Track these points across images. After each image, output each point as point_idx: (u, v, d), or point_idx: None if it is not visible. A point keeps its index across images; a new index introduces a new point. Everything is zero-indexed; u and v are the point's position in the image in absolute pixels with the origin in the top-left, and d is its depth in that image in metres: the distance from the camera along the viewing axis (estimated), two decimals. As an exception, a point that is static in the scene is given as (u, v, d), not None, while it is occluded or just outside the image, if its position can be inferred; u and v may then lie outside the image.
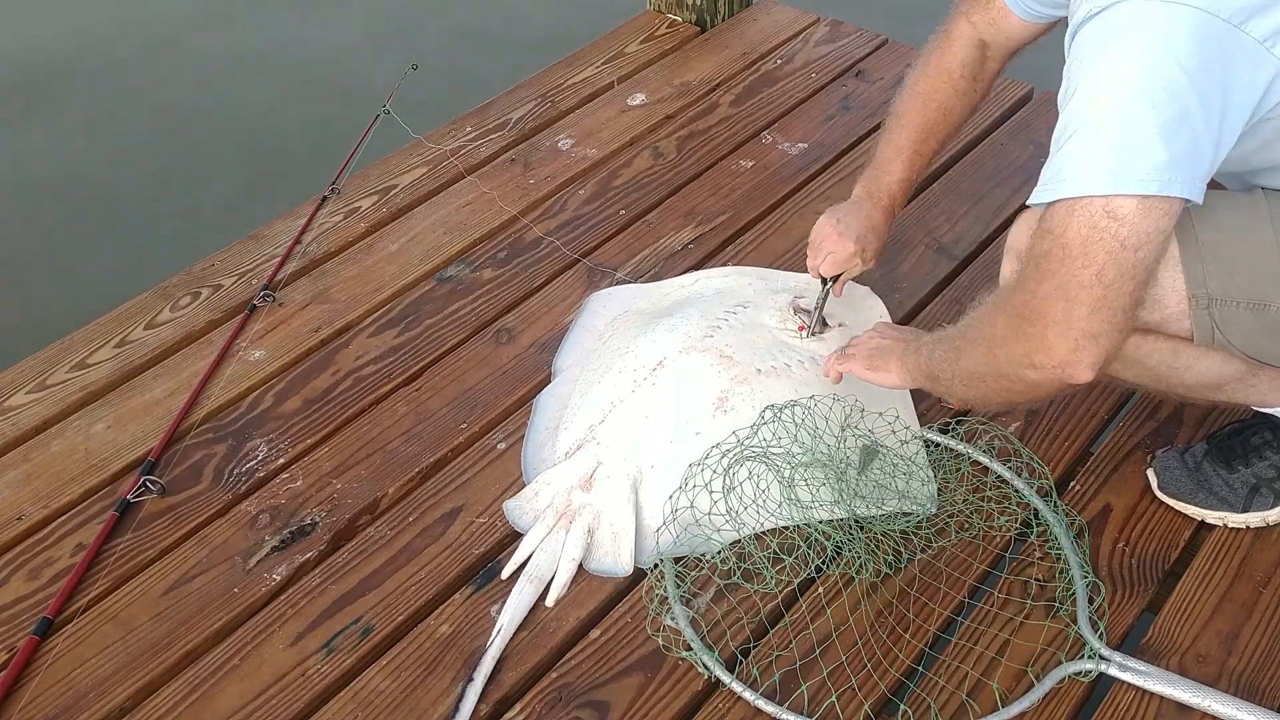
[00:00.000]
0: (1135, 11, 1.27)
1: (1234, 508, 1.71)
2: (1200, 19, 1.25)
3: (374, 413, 1.96)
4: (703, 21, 2.97)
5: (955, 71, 1.85)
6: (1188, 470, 1.74)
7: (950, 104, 1.87)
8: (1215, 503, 1.71)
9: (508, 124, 2.65)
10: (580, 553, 1.69)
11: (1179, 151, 1.27)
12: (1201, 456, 1.73)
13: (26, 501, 1.83)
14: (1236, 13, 1.25)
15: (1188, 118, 1.27)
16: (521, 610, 1.63)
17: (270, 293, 2.18)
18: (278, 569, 1.71)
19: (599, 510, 1.73)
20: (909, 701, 1.51)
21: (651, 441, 1.79)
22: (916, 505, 1.72)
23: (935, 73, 1.87)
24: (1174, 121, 1.26)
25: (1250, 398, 1.63)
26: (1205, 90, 1.27)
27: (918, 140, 1.89)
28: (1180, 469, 1.75)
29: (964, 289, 2.15)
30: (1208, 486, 1.72)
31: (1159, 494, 1.76)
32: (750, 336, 1.87)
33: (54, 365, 2.07)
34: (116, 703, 1.55)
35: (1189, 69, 1.25)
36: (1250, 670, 1.55)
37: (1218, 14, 1.25)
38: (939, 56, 1.86)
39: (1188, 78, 1.25)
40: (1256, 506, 1.70)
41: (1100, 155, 1.29)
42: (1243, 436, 1.72)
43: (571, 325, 2.10)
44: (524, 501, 1.78)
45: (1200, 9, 1.25)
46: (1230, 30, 1.26)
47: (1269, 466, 1.70)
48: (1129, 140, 1.27)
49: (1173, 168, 1.27)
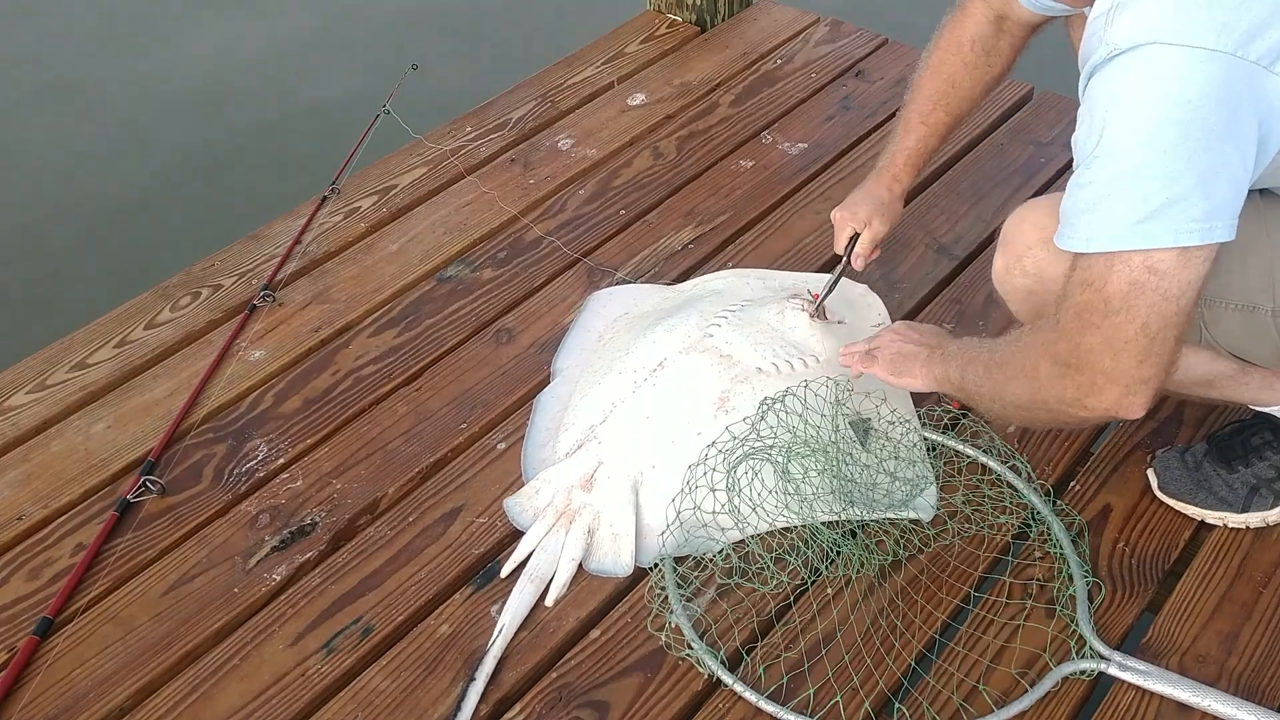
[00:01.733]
0: (1160, 59, 1.23)
1: (1234, 508, 1.71)
2: (1227, 64, 1.22)
3: (374, 413, 1.96)
4: (703, 21, 2.97)
5: (965, 44, 1.85)
6: (1188, 470, 1.74)
7: (959, 76, 1.87)
8: (1215, 503, 1.71)
9: (508, 124, 2.65)
10: (580, 552, 1.69)
11: (1219, 199, 1.25)
12: (1202, 456, 1.73)
13: (26, 501, 1.83)
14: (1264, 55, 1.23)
15: (1225, 164, 1.24)
16: (523, 610, 1.63)
17: (270, 293, 2.18)
18: (278, 569, 1.71)
19: (599, 510, 1.73)
20: (909, 702, 1.51)
21: (653, 442, 1.79)
22: (919, 513, 1.72)
23: (946, 45, 1.87)
24: (1211, 171, 1.24)
25: (1243, 396, 1.63)
26: (1239, 133, 1.24)
27: (925, 111, 1.90)
28: (1180, 469, 1.75)
29: (964, 289, 2.15)
30: (1208, 486, 1.72)
31: (1159, 494, 1.76)
32: (749, 333, 1.88)
33: (54, 365, 2.07)
34: (116, 703, 1.55)
35: (1221, 115, 1.22)
36: (1250, 670, 1.55)
37: (1245, 57, 1.22)
38: (951, 29, 1.87)
39: (1222, 124, 1.23)
40: (1256, 506, 1.70)
41: (1138, 211, 1.26)
42: (1243, 436, 1.72)
43: (571, 325, 2.10)
44: (524, 499, 1.78)
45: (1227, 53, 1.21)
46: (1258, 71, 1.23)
47: (1269, 467, 1.69)
48: (1168, 195, 1.24)
49: (1213, 215, 1.25)
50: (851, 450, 1.74)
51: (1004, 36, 1.84)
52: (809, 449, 1.72)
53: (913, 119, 1.91)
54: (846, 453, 1.73)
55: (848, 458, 1.73)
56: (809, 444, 1.72)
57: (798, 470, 1.71)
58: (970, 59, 1.86)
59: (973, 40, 1.85)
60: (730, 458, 1.73)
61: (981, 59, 1.86)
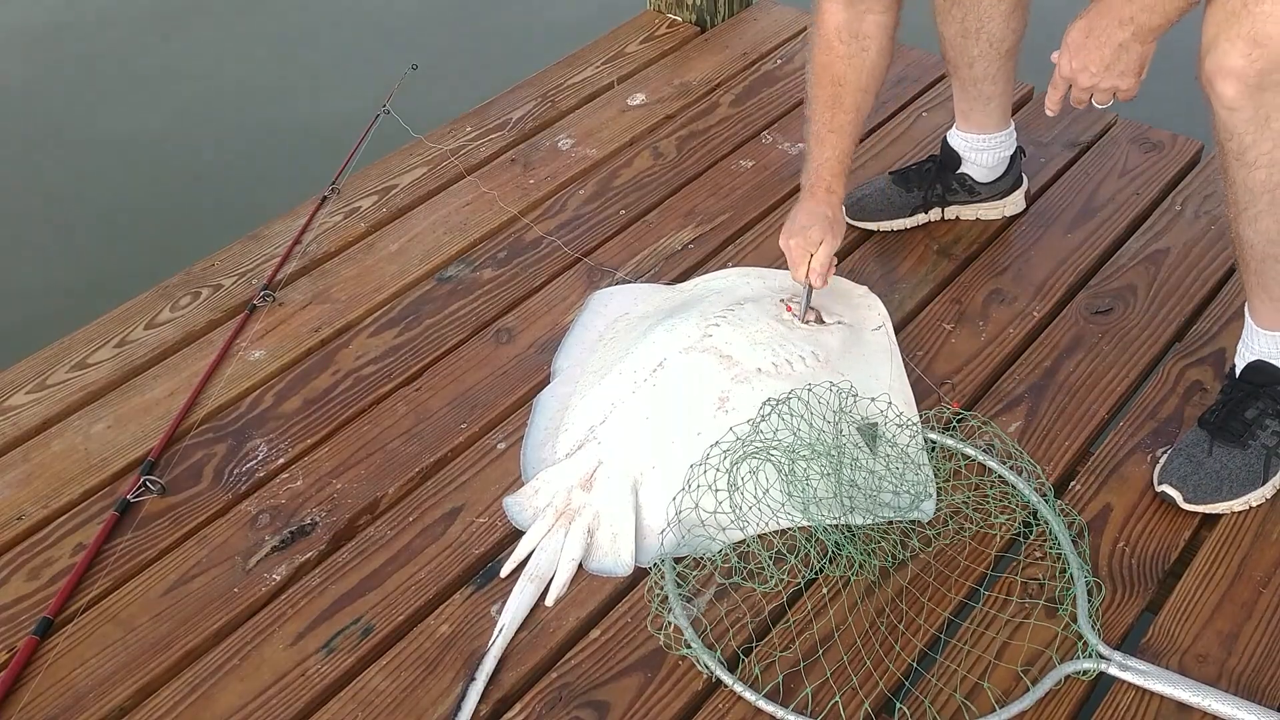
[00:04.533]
0: None
1: (1255, 485, 1.72)
2: None
3: (374, 413, 1.96)
4: (703, 21, 2.97)
5: (832, 38, 1.86)
6: (1200, 467, 1.73)
7: (839, 71, 1.87)
8: (1239, 488, 1.71)
9: (508, 124, 2.65)
10: (580, 552, 1.69)
11: None
12: (1209, 446, 1.73)
13: (26, 501, 1.83)
14: None
15: None
16: (523, 610, 1.63)
17: (270, 292, 2.18)
18: (278, 569, 1.71)
19: (599, 510, 1.73)
20: (909, 701, 1.51)
21: (652, 442, 1.79)
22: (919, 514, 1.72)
23: (817, 48, 1.89)
24: None
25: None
26: None
27: (826, 119, 1.91)
28: (1197, 474, 1.73)
29: (964, 289, 2.15)
30: (1228, 476, 1.71)
31: (1188, 507, 1.73)
32: (749, 333, 1.88)
33: (54, 365, 2.07)
34: (116, 703, 1.55)
35: None
36: (1250, 670, 1.55)
37: None
38: (817, 31, 1.88)
39: None
40: (1272, 474, 1.73)
41: None
42: (1237, 414, 1.73)
43: (572, 325, 2.10)
44: (524, 499, 1.78)
45: None
46: None
47: (1272, 434, 1.72)
48: None
49: None
50: (856, 455, 1.74)
51: (865, 16, 1.84)
52: (812, 451, 1.72)
53: (820, 130, 1.92)
54: (852, 457, 1.73)
55: (853, 462, 1.72)
56: (813, 446, 1.72)
57: (800, 471, 1.71)
58: (842, 51, 1.86)
59: (836, 30, 1.85)
60: (732, 456, 1.73)
61: (852, 45, 1.86)
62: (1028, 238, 2.25)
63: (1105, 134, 2.49)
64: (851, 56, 1.86)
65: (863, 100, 1.91)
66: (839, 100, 1.89)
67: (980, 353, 2.02)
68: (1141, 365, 1.99)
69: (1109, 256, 2.21)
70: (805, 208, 1.93)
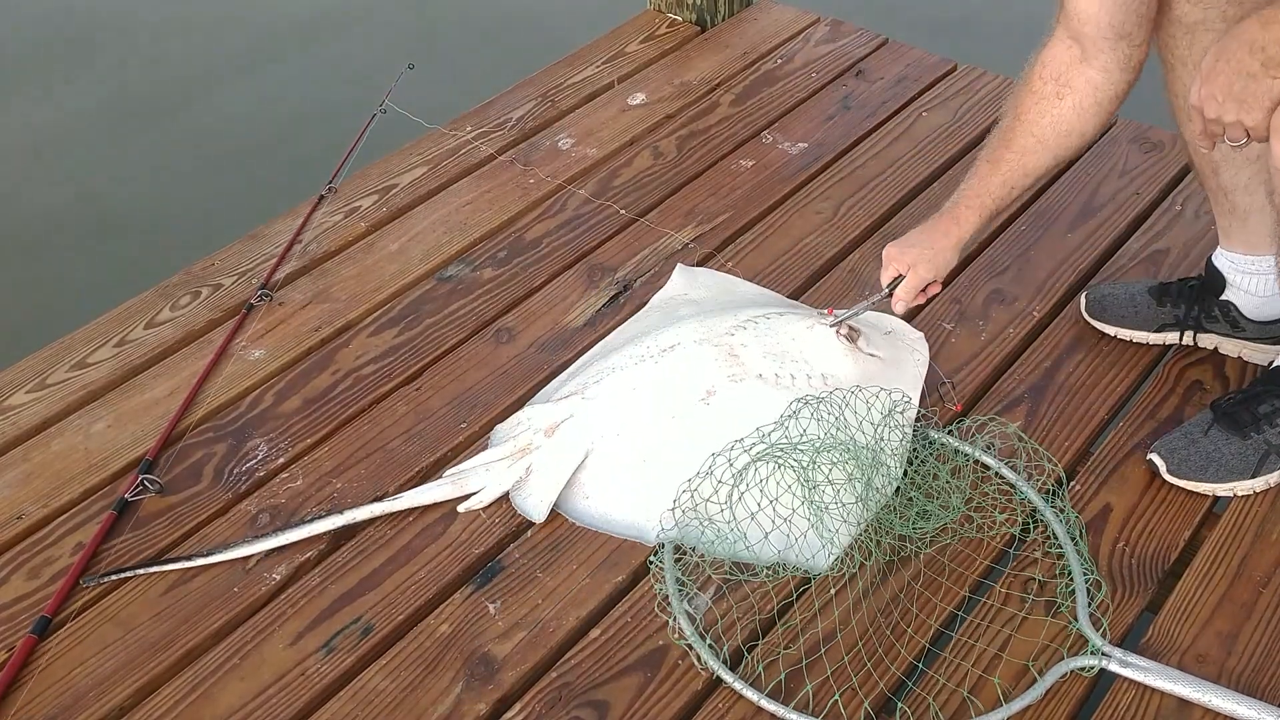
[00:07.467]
0: None
1: (1244, 475, 1.72)
2: None
3: (374, 412, 1.96)
4: (703, 21, 2.97)
5: (1036, 71, 1.75)
6: (1193, 444, 1.73)
7: (1024, 107, 1.76)
8: (1226, 474, 1.72)
9: (508, 124, 2.65)
10: (510, 483, 1.77)
11: None
12: (1208, 425, 1.74)
13: (26, 501, 1.83)
14: None
15: None
16: (425, 499, 1.77)
17: (269, 292, 2.18)
18: (278, 569, 1.71)
19: (546, 457, 1.79)
20: (910, 700, 1.51)
21: (628, 412, 1.82)
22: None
23: (1024, 73, 1.78)
24: None
25: None
26: None
27: (993, 146, 1.82)
28: (1186, 447, 1.74)
29: (964, 289, 2.15)
30: (1217, 458, 1.72)
31: (1169, 478, 1.74)
32: (768, 342, 1.87)
33: (54, 365, 2.07)
34: (116, 702, 1.55)
35: None
36: (1250, 670, 1.55)
37: None
38: (1034, 54, 1.76)
39: None
40: (1266, 470, 1.72)
41: None
42: (1249, 406, 1.73)
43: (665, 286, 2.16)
44: (506, 427, 1.89)
45: None
46: None
47: (1278, 433, 1.71)
48: None
49: None
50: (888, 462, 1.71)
51: (1081, 67, 1.71)
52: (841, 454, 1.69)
53: (982, 154, 1.82)
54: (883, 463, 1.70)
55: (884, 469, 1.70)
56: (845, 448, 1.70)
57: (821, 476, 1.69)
58: (1038, 87, 1.74)
59: (1045, 64, 1.73)
60: (751, 453, 1.72)
61: (1050, 86, 1.73)
62: (1028, 238, 2.25)
63: (1105, 134, 2.50)
64: (1043, 98, 1.74)
65: (1033, 148, 1.77)
66: (1010, 135, 1.78)
67: (980, 353, 2.02)
68: (1141, 365, 1.99)
69: (1109, 256, 2.21)
70: (924, 230, 1.87)
